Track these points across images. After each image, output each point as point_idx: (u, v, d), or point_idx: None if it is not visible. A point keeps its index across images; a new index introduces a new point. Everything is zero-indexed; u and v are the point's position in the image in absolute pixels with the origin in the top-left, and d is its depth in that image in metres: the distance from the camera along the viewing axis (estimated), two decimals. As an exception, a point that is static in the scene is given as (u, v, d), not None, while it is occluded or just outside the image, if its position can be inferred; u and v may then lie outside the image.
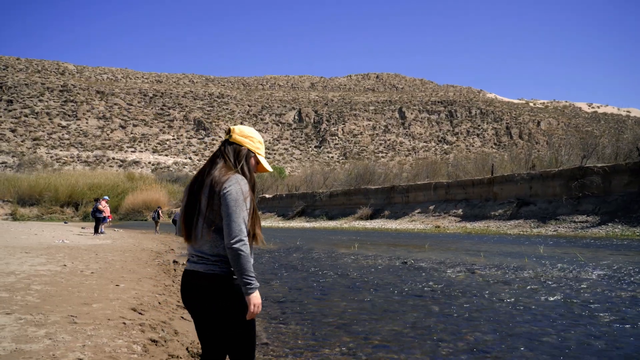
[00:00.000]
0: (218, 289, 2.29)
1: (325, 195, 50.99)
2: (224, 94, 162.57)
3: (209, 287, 2.29)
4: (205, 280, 2.30)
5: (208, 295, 2.30)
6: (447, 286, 8.16)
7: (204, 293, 2.31)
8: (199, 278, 2.32)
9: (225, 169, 2.38)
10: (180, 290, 2.46)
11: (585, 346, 4.58)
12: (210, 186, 2.34)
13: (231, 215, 2.23)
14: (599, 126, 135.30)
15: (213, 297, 2.29)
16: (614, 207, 26.06)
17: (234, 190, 2.27)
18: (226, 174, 2.34)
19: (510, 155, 51.86)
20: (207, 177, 2.38)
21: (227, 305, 2.29)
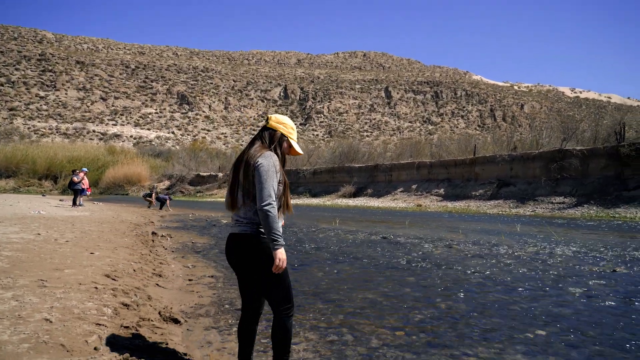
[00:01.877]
0: (250, 246, 2.74)
1: (309, 172, 50.95)
2: (209, 68, 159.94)
3: (243, 245, 2.76)
4: (240, 240, 2.77)
5: (243, 251, 2.76)
6: (424, 259, 8.25)
7: (240, 250, 2.77)
8: (236, 238, 2.79)
9: (260, 147, 2.84)
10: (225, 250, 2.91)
11: (551, 314, 4.69)
12: (246, 161, 2.79)
13: (262, 183, 2.65)
14: (580, 111, 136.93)
15: (247, 253, 2.75)
16: (590, 190, 26.55)
17: (266, 163, 2.71)
18: (260, 151, 2.80)
19: (493, 137, 52.27)
20: (245, 156, 2.83)
21: (258, 259, 2.73)
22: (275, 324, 2.83)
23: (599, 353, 3.58)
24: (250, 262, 2.75)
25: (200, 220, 18.33)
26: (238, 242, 2.78)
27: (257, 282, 2.80)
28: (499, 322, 4.38)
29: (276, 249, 2.64)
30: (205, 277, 6.56)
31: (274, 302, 2.79)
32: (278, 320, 2.81)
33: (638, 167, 25.03)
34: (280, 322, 2.80)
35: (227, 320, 4.40)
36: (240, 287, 2.94)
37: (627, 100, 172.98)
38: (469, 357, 3.47)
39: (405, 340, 3.86)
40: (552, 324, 4.32)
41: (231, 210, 2.86)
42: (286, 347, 2.84)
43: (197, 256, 8.62)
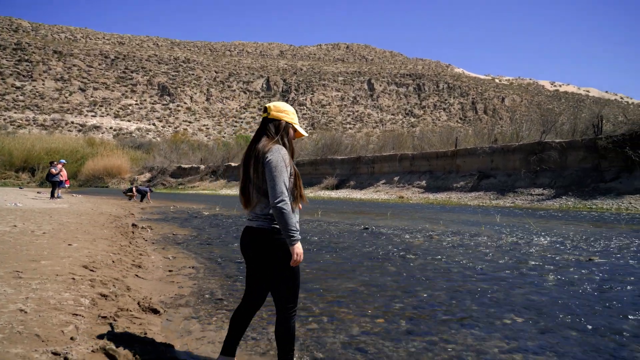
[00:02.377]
0: (267, 240, 2.72)
1: (291, 164, 50.89)
2: (190, 59, 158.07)
3: (260, 239, 2.74)
4: (257, 234, 2.75)
5: (259, 245, 2.74)
6: (404, 249, 8.31)
7: (256, 243, 2.76)
8: (253, 232, 2.77)
9: (267, 141, 2.78)
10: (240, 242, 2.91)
11: (528, 301, 4.77)
12: (255, 157, 2.75)
13: (274, 180, 2.63)
14: (559, 104, 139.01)
15: (263, 247, 2.74)
16: (568, 181, 27.04)
17: (275, 158, 2.67)
18: (267, 145, 2.74)
19: (475, 130, 52.80)
20: (254, 152, 2.79)
21: (275, 254, 2.71)
22: (280, 323, 2.80)
23: (573, 338, 3.66)
24: (266, 256, 2.74)
25: (182, 213, 18.18)
26: (255, 236, 2.77)
27: (268, 278, 2.79)
28: (477, 310, 4.44)
29: (293, 244, 2.65)
30: (185, 268, 6.52)
31: (282, 299, 2.77)
32: (283, 320, 2.79)
33: (614, 159, 25.55)
34: (285, 321, 2.79)
35: (208, 310, 4.38)
36: (248, 279, 2.95)
37: (605, 94, 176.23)
38: (448, 343, 3.51)
39: (385, 327, 3.89)
40: (529, 311, 4.40)
41: (246, 209, 2.85)
42: (291, 345, 2.83)
43: (178, 247, 8.55)
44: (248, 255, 2.85)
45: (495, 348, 3.42)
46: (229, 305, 4.53)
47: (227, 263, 6.91)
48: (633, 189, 23.59)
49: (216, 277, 5.93)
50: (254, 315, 3.06)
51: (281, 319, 2.80)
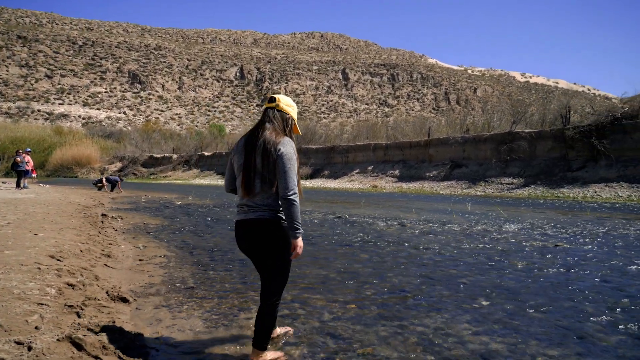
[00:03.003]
0: (267, 230, 2.73)
1: (265, 154, 50.59)
2: (162, 46, 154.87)
3: (259, 230, 2.73)
4: (256, 225, 2.74)
5: (259, 236, 2.74)
6: (377, 237, 8.39)
7: (255, 235, 2.75)
8: (251, 224, 2.76)
9: (275, 132, 2.76)
10: (235, 236, 2.92)
11: (496, 285, 4.89)
12: (263, 147, 2.70)
13: (287, 172, 2.65)
14: (529, 95, 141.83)
15: (264, 238, 2.74)
16: (537, 171, 27.69)
17: (288, 151, 2.68)
18: (277, 137, 2.72)
19: (447, 120, 53.43)
20: (259, 140, 2.74)
21: (276, 244, 2.75)
22: (265, 312, 2.83)
23: (538, 320, 3.77)
24: (266, 246, 2.76)
25: (154, 202, 17.91)
26: (253, 227, 2.75)
27: (266, 264, 2.81)
28: (446, 294, 4.52)
29: (297, 237, 2.72)
30: (156, 257, 6.43)
31: (271, 289, 2.81)
32: (269, 309, 2.83)
33: (581, 149, 26.26)
34: (271, 311, 2.84)
35: (179, 298, 4.34)
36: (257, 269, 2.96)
37: (573, 86, 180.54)
38: (417, 327, 3.57)
39: (356, 312, 3.93)
40: (497, 295, 4.50)
41: (246, 197, 2.77)
42: (269, 334, 2.88)
43: (149, 237, 8.43)
44: (245, 247, 2.87)
45: (464, 331, 3.49)
46: (200, 294, 4.50)
47: (200, 252, 6.85)
48: (598, 178, 24.32)
49: (188, 265, 5.87)
50: None
51: (266, 308, 2.83)
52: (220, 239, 8.15)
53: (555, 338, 3.36)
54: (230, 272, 5.49)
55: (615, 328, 3.59)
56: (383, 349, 3.12)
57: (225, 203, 17.73)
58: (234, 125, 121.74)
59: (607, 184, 23.48)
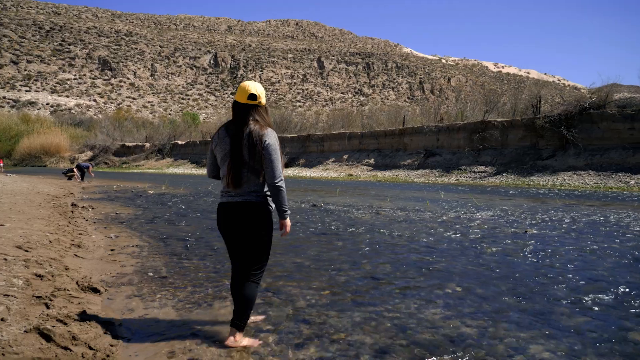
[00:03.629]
0: (255, 213, 2.95)
1: (240, 142, 50.24)
2: (133, 32, 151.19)
3: (247, 212, 2.94)
4: (244, 207, 2.95)
5: (246, 218, 2.94)
6: (352, 225, 8.44)
7: (242, 216, 2.95)
8: (237, 206, 2.96)
9: (259, 125, 2.93)
10: (217, 218, 3.11)
11: (468, 271, 4.98)
12: (250, 140, 2.88)
13: (274, 162, 2.89)
14: (502, 85, 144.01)
15: (250, 219, 2.95)
16: (508, 159, 28.24)
17: (273, 141, 2.91)
18: (262, 129, 2.91)
19: (422, 109, 53.90)
20: (244, 133, 2.91)
21: (262, 224, 2.96)
22: (247, 287, 3.00)
23: (508, 303, 3.86)
24: (252, 227, 2.95)
25: (126, 192, 17.60)
26: (241, 210, 2.94)
27: (250, 245, 2.99)
28: (420, 280, 4.59)
29: (286, 217, 3.02)
30: (129, 246, 6.33)
31: (255, 266, 3.02)
32: (251, 284, 3.02)
33: (551, 138, 26.88)
34: (249, 285, 3.00)
35: (151, 288, 4.28)
36: (232, 253, 3.11)
37: (544, 76, 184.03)
38: (390, 312, 3.61)
39: (330, 299, 3.95)
40: (469, 280, 4.59)
41: (235, 189, 2.94)
42: (248, 311, 3.01)
43: (121, 226, 8.28)
44: (229, 228, 3.02)
45: (436, 315, 3.55)
46: (174, 283, 4.45)
47: (173, 241, 6.77)
48: (567, 166, 24.96)
49: (161, 255, 5.80)
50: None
51: (249, 283, 3.01)
52: (194, 228, 8.07)
53: (524, 321, 3.45)
54: (204, 261, 5.44)
55: (580, 310, 3.71)
56: (356, 334, 3.15)
57: (199, 192, 17.54)
58: (208, 114, 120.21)
59: (576, 172, 24.13)
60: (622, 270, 5.09)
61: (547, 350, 2.90)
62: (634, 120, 23.99)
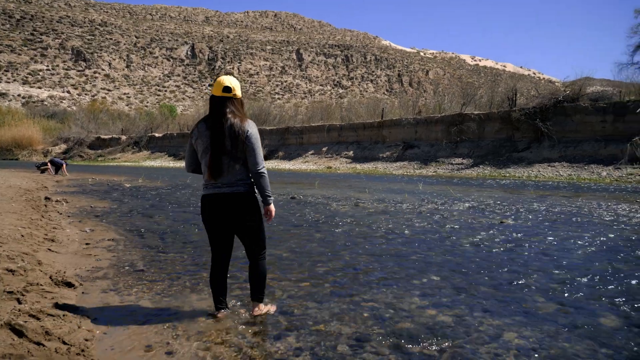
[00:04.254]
0: (244, 203, 3.13)
1: (218, 135, 49.75)
2: (107, 22, 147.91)
3: (235, 201, 3.10)
4: (231, 198, 3.09)
5: (234, 207, 3.11)
6: (331, 217, 8.46)
7: (230, 206, 3.10)
8: (226, 196, 3.10)
9: (239, 117, 3.08)
10: (203, 209, 3.23)
11: (445, 261, 5.05)
12: (232, 131, 3.03)
13: (256, 150, 3.08)
14: (479, 78, 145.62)
15: (240, 208, 3.12)
16: (485, 151, 28.64)
17: (254, 131, 3.10)
18: (242, 121, 3.07)
19: (400, 102, 54.19)
20: (225, 125, 3.05)
21: (252, 212, 3.17)
22: (255, 267, 3.30)
23: (483, 292, 3.92)
24: (242, 215, 3.13)
25: (101, 185, 17.29)
26: (229, 200, 3.09)
27: (241, 233, 3.21)
28: (398, 270, 4.63)
29: (269, 203, 3.21)
30: (104, 240, 6.23)
31: (256, 248, 3.27)
32: (257, 263, 3.30)
33: (526, 130, 27.33)
34: (258, 264, 3.30)
35: (127, 281, 4.22)
36: (216, 243, 3.26)
37: (519, 69, 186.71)
38: (369, 302, 3.64)
39: (308, 290, 3.96)
40: (446, 270, 4.66)
41: (214, 180, 3.09)
42: (264, 284, 3.36)
43: (96, 220, 8.14)
44: (218, 219, 3.15)
45: (413, 304, 3.59)
46: (150, 276, 4.40)
47: (149, 234, 6.69)
48: (542, 158, 25.43)
49: (137, 248, 5.73)
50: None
51: (255, 263, 3.30)
52: (171, 221, 7.98)
53: (499, 309, 3.52)
54: (181, 254, 5.39)
55: (553, 298, 3.80)
56: (335, 324, 3.17)
57: (177, 185, 17.35)
58: (185, 106, 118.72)
59: (550, 163, 24.61)
60: (594, 259, 5.23)
61: (521, 337, 2.96)
62: (605, 114, 24.55)
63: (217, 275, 3.31)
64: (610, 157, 23.05)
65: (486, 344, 2.85)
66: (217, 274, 3.31)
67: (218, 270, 3.31)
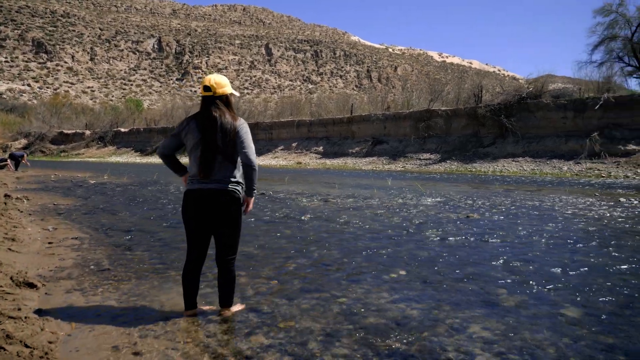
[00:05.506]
0: (227, 199, 3.11)
1: (186, 130, 49.04)
2: (70, 13, 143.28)
3: (219, 198, 3.09)
4: (216, 194, 3.09)
5: (218, 203, 3.10)
6: (301, 213, 8.47)
7: (214, 202, 3.10)
8: (211, 192, 3.09)
9: (229, 115, 3.13)
10: (186, 204, 3.19)
11: (413, 256, 5.14)
12: (222, 129, 3.07)
13: (249, 146, 3.13)
14: (446, 74, 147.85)
15: (222, 205, 3.10)
16: (452, 147, 29.16)
17: (246, 129, 3.16)
18: (234, 119, 3.13)
19: (369, 97, 54.55)
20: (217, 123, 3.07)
21: (232, 210, 3.14)
22: (225, 272, 3.23)
23: (449, 285, 4.01)
24: (223, 213, 3.11)
25: (65, 181, 16.81)
26: (214, 196, 3.09)
27: (222, 232, 3.17)
28: (367, 266, 4.68)
29: (252, 195, 3.22)
30: (68, 239, 6.07)
31: (229, 250, 3.22)
32: (228, 269, 3.24)
33: (492, 126, 27.96)
34: (230, 270, 3.25)
35: (92, 281, 4.13)
36: (194, 239, 3.22)
37: (485, 66, 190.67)
38: (338, 298, 3.67)
39: (279, 288, 3.97)
40: (414, 265, 4.74)
41: (204, 178, 3.08)
42: (233, 290, 3.31)
43: (59, 218, 7.91)
44: (200, 214, 3.13)
45: (382, 299, 3.64)
46: (117, 275, 4.32)
47: (115, 232, 6.55)
48: (506, 153, 26.09)
49: (103, 247, 5.61)
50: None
51: (225, 268, 3.23)
52: (138, 219, 7.84)
53: (465, 302, 3.61)
54: (149, 252, 5.31)
55: (516, 290, 3.92)
56: (305, 321, 3.18)
57: (144, 181, 17.02)
58: (152, 100, 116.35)
59: (514, 158, 25.28)
60: (554, 251, 5.41)
61: (486, 329, 3.05)
62: (566, 110, 25.35)
63: (191, 273, 3.26)
64: (571, 152, 23.83)
65: (452, 337, 2.92)
66: (191, 271, 3.26)
67: (193, 267, 3.26)
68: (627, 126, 23.28)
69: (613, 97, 24.07)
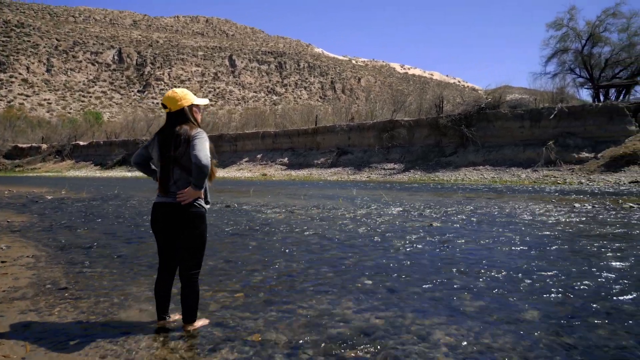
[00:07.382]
0: (186, 213, 3.07)
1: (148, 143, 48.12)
2: (25, 24, 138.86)
3: (180, 210, 3.06)
4: (177, 206, 3.05)
5: (179, 215, 3.07)
6: (266, 225, 8.42)
7: (175, 214, 3.07)
8: (172, 205, 3.07)
9: (186, 127, 3.10)
10: (151, 216, 3.21)
11: (378, 265, 5.18)
12: (177, 141, 3.06)
13: (200, 149, 2.98)
14: (408, 85, 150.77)
15: (183, 217, 3.07)
16: (415, 156, 29.69)
17: (201, 136, 3.06)
18: (191, 129, 3.09)
19: (334, 109, 55.01)
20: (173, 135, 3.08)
21: (192, 223, 3.09)
22: (188, 287, 3.17)
23: (414, 294, 4.06)
24: (184, 227, 3.09)
25: (19, 197, 16.16)
26: (175, 208, 3.06)
27: (184, 243, 3.13)
28: (332, 276, 4.69)
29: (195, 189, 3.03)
30: (22, 257, 5.82)
31: (190, 264, 3.16)
32: (191, 284, 3.18)
33: (453, 136, 28.66)
34: (193, 285, 3.19)
35: (49, 300, 3.97)
36: (163, 252, 3.25)
37: (446, 78, 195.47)
38: (304, 309, 3.65)
39: (243, 301, 3.92)
40: (378, 274, 4.77)
41: (166, 190, 3.09)
42: (197, 306, 3.25)
43: (13, 236, 7.59)
44: (162, 227, 3.15)
45: (348, 310, 3.65)
46: (75, 294, 4.17)
47: (73, 249, 6.33)
48: (467, 162, 26.76)
49: (60, 265, 5.40)
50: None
51: (188, 283, 3.17)
52: (98, 235, 7.60)
53: (429, 309, 3.66)
54: (109, 269, 5.15)
55: (479, 294, 4.00)
56: (270, 333, 3.15)
57: (105, 196, 16.55)
58: (112, 113, 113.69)
59: (475, 167, 25.95)
60: (514, 257, 5.57)
61: (449, 335, 3.10)
62: (523, 119, 26.27)
63: (159, 284, 3.29)
64: (529, 160, 24.66)
65: (417, 344, 2.96)
66: (159, 282, 3.29)
67: (161, 278, 3.29)
68: (580, 135, 24.31)
69: (566, 107, 25.13)
